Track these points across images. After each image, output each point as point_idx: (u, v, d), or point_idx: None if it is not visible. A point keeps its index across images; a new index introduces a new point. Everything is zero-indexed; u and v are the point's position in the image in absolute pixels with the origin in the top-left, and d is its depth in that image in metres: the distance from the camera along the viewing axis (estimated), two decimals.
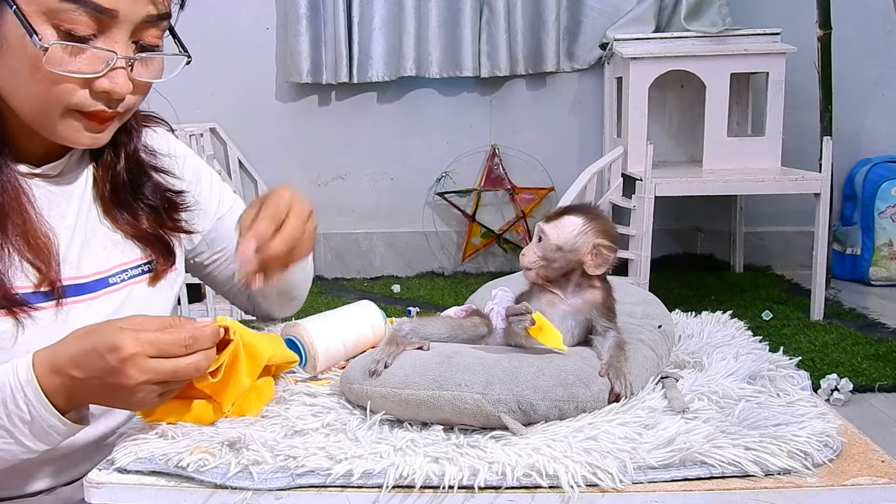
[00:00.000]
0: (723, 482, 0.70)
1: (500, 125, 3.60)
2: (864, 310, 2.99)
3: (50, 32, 0.80)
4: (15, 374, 0.78)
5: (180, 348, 0.76)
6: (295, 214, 0.89)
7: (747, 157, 3.01)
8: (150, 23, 0.85)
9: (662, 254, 3.58)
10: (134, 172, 0.98)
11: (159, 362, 0.75)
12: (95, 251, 0.94)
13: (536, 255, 0.89)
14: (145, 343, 0.74)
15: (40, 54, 0.79)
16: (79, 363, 0.76)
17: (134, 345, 0.74)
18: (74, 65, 0.81)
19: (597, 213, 0.90)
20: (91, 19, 0.80)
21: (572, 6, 3.46)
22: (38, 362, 0.78)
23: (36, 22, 0.79)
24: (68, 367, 0.77)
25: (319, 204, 3.65)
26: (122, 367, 0.74)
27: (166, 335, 0.76)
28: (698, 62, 2.98)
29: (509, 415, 0.77)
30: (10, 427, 0.78)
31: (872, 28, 3.43)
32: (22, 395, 0.77)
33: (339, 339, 1.01)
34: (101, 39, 0.82)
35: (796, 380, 0.90)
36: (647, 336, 0.94)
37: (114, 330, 0.76)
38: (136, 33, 0.84)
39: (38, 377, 0.77)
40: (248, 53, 3.53)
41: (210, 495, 0.71)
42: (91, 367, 0.76)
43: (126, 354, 0.74)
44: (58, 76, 0.81)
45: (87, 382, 0.76)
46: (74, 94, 0.83)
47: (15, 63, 0.81)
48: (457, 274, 3.67)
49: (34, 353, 0.79)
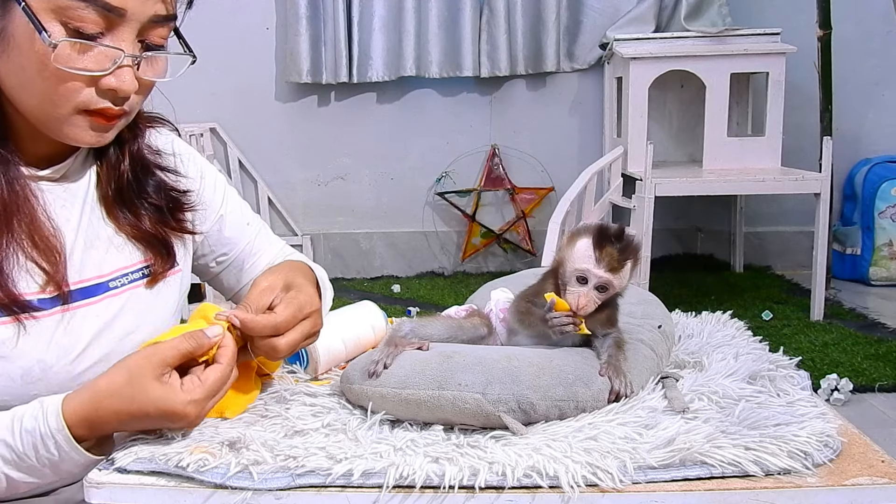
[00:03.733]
0: (723, 482, 0.70)
1: (500, 125, 3.60)
2: (864, 310, 2.99)
3: (58, 30, 0.80)
4: (45, 420, 0.79)
5: (225, 383, 0.82)
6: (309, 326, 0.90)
7: (747, 157, 3.01)
8: (157, 22, 0.85)
9: (662, 254, 3.58)
10: (138, 171, 0.98)
11: (213, 401, 0.81)
12: (98, 254, 0.94)
13: (597, 302, 0.86)
14: (203, 401, 0.80)
15: (48, 51, 0.79)
16: (127, 424, 0.81)
17: (196, 409, 0.79)
18: (82, 62, 0.81)
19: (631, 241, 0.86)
20: (99, 17, 0.80)
21: (572, 6, 3.46)
22: (68, 413, 0.79)
23: (44, 19, 0.79)
24: (112, 426, 0.81)
25: (319, 204, 3.66)
26: (191, 424, 0.81)
27: (213, 382, 0.80)
28: (698, 62, 2.98)
29: (509, 414, 0.77)
30: (39, 467, 0.80)
31: (872, 28, 3.43)
32: (53, 441, 0.79)
33: (340, 340, 1.01)
34: (109, 37, 0.82)
35: (796, 380, 0.90)
36: (647, 336, 0.94)
37: (158, 390, 0.79)
38: (143, 32, 0.85)
39: (69, 428, 0.79)
40: (247, 53, 3.53)
41: (210, 495, 0.71)
42: (148, 424, 0.80)
43: (192, 420, 0.79)
44: (65, 73, 0.81)
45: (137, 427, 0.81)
46: (81, 91, 0.83)
47: (22, 60, 0.81)
48: (457, 274, 3.67)
49: (63, 401, 0.80)
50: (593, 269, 0.84)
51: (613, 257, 0.84)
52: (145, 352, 0.81)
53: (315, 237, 3.68)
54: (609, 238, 0.85)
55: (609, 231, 0.85)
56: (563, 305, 0.84)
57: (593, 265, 0.84)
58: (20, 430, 0.79)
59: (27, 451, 0.79)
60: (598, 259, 0.84)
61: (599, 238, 0.85)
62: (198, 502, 0.71)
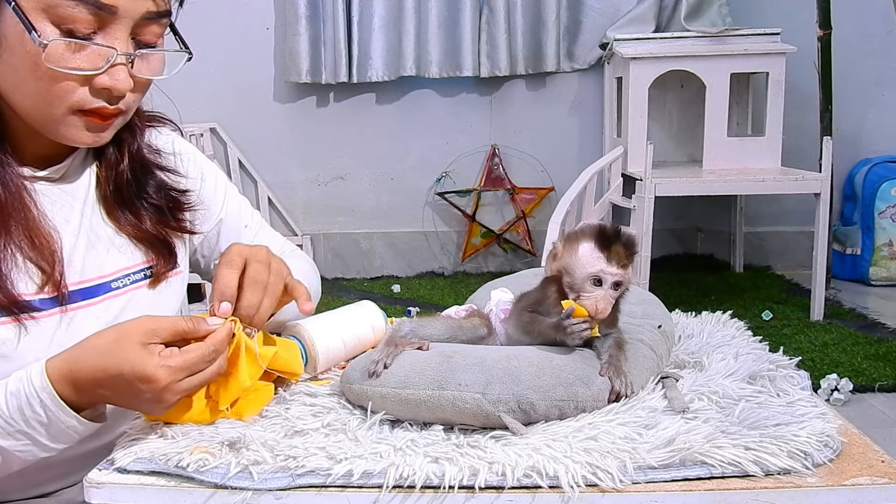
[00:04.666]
0: (723, 482, 0.70)
1: (499, 125, 3.60)
2: (864, 310, 2.99)
3: (49, 29, 0.79)
4: (29, 381, 0.79)
5: (206, 363, 0.79)
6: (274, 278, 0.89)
7: (747, 157, 3.01)
8: (150, 19, 0.84)
9: (662, 254, 3.58)
10: (137, 171, 0.98)
11: (190, 380, 0.78)
12: (99, 255, 0.94)
13: (612, 302, 0.86)
14: (177, 370, 0.77)
15: (40, 51, 0.79)
16: (103, 383, 0.78)
17: (168, 376, 0.76)
18: (74, 62, 0.81)
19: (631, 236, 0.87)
20: (91, 16, 0.80)
21: (572, 6, 3.46)
22: (51, 370, 0.79)
23: (35, 18, 0.79)
24: (89, 384, 0.78)
25: (319, 204, 3.66)
26: (160, 395, 0.77)
27: (192, 355, 0.78)
28: (698, 62, 2.98)
29: (509, 414, 0.77)
30: (28, 430, 0.79)
31: (872, 28, 3.43)
32: (38, 400, 0.78)
33: (340, 339, 1.01)
34: (101, 36, 0.82)
35: (796, 380, 0.90)
36: (647, 336, 0.94)
37: (138, 353, 0.77)
38: (136, 30, 0.84)
39: (52, 384, 0.78)
40: (247, 53, 3.53)
41: (210, 495, 0.71)
42: (121, 390, 0.78)
43: (161, 386, 0.76)
44: (58, 73, 0.80)
45: (114, 398, 0.79)
46: (75, 91, 0.82)
47: (15, 61, 0.81)
48: (457, 274, 3.67)
49: (46, 362, 0.80)
50: (607, 269, 0.85)
51: (622, 254, 0.85)
52: (141, 318, 0.80)
53: (315, 237, 3.68)
54: (611, 237, 0.86)
55: (608, 231, 0.86)
56: (581, 312, 0.84)
57: (605, 265, 0.85)
58: (5, 393, 0.79)
59: (13, 415, 0.78)
60: (608, 259, 0.85)
61: (603, 238, 0.86)
62: (198, 502, 0.71)
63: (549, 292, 0.89)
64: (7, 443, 0.79)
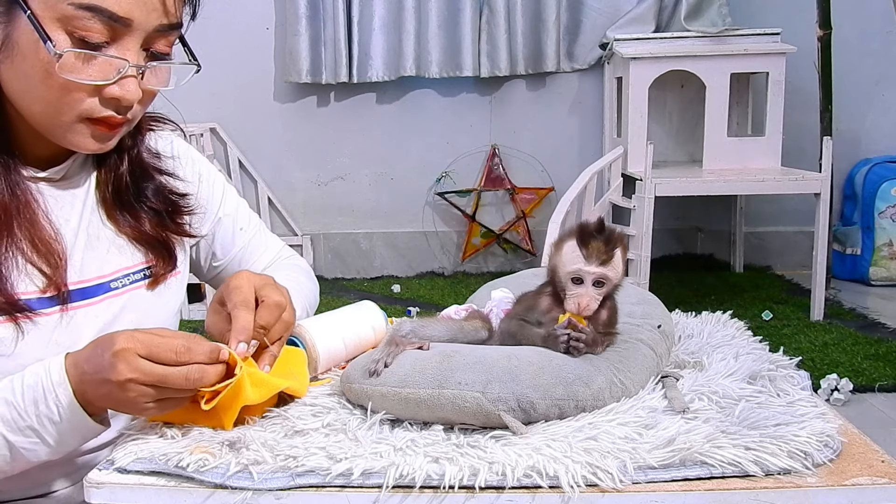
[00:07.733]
0: (723, 482, 0.70)
1: (499, 125, 3.60)
2: (864, 310, 2.99)
3: (63, 39, 0.80)
4: (48, 374, 0.79)
5: (171, 353, 0.77)
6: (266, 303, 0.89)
7: (747, 157, 3.01)
8: (161, 32, 0.85)
9: (662, 254, 3.58)
10: (137, 175, 0.98)
11: (149, 364, 0.76)
12: (98, 255, 0.94)
13: (598, 299, 0.86)
14: (137, 341, 0.76)
15: (53, 60, 0.79)
16: (88, 359, 0.78)
17: (126, 341, 0.76)
18: (86, 72, 0.81)
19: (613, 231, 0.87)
20: (105, 27, 0.80)
21: (572, 6, 3.46)
22: (69, 365, 0.79)
23: (50, 28, 0.79)
24: (82, 364, 0.79)
25: (319, 204, 3.66)
26: (113, 360, 0.76)
27: (160, 339, 0.77)
28: (698, 62, 2.98)
29: (509, 413, 0.77)
30: (38, 427, 0.79)
31: (872, 28, 3.43)
32: (54, 395, 0.78)
33: (340, 339, 1.01)
34: (114, 47, 0.82)
35: (796, 380, 0.90)
36: (647, 336, 0.94)
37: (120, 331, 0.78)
38: (148, 41, 0.84)
39: (70, 379, 0.79)
40: (247, 53, 3.53)
41: (210, 495, 0.71)
42: (93, 363, 0.78)
43: (117, 349, 0.76)
44: (70, 82, 0.81)
45: (92, 378, 0.78)
46: (84, 100, 0.83)
47: (26, 67, 0.81)
48: (457, 274, 3.67)
49: (66, 355, 0.80)
50: (584, 267, 0.85)
51: (601, 250, 0.85)
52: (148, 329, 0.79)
53: (315, 237, 3.68)
54: (591, 233, 0.86)
55: (589, 227, 0.86)
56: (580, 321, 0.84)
57: (583, 263, 0.85)
58: (21, 385, 0.79)
59: (28, 408, 0.79)
60: (586, 256, 0.85)
61: (582, 235, 0.86)
62: (198, 502, 0.71)
63: (541, 298, 0.90)
64: (16, 438, 0.79)
